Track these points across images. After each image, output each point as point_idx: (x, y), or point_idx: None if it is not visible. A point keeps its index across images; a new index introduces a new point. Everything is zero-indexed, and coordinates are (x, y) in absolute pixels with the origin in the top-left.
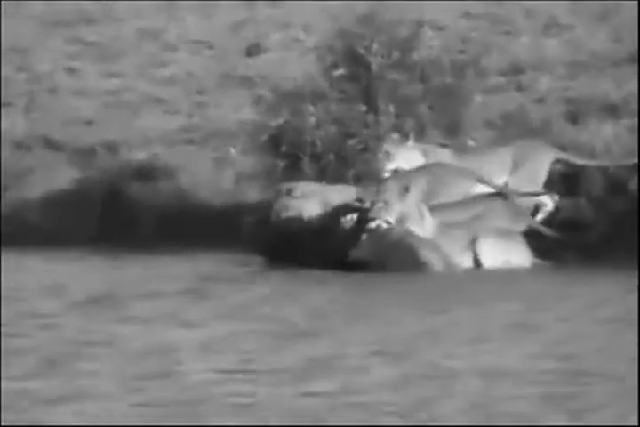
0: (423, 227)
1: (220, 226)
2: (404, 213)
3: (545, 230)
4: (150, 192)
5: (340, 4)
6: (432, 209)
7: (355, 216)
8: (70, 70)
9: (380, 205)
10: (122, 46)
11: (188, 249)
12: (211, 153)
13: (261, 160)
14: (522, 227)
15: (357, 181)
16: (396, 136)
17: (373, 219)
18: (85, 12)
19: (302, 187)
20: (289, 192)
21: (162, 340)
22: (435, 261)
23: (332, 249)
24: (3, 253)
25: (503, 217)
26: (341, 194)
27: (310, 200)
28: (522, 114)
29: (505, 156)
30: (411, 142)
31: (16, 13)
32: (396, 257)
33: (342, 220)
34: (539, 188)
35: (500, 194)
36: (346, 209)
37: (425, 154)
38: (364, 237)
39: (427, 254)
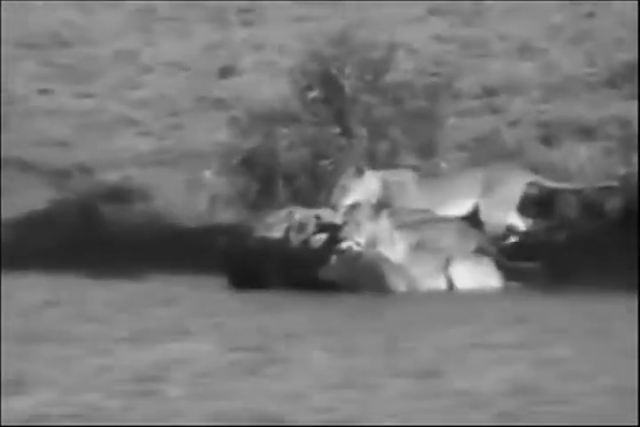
0: (394, 250)
1: (193, 248)
2: (376, 235)
3: (495, 255)
4: (124, 214)
5: (313, 25)
6: (400, 227)
7: (324, 235)
8: (44, 92)
9: (351, 225)
10: (96, 68)
11: (161, 271)
12: (184, 175)
13: (235, 182)
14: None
15: (330, 203)
16: (352, 169)
17: (344, 239)
18: (59, 34)
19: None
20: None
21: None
22: (401, 286)
23: (300, 268)
24: None
25: (468, 239)
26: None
27: None
28: (495, 137)
29: (474, 178)
30: (368, 173)
31: None
32: (364, 280)
33: (312, 239)
34: (512, 211)
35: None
36: (316, 228)
37: (383, 182)
38: (333, 257)
39: (394, 279)
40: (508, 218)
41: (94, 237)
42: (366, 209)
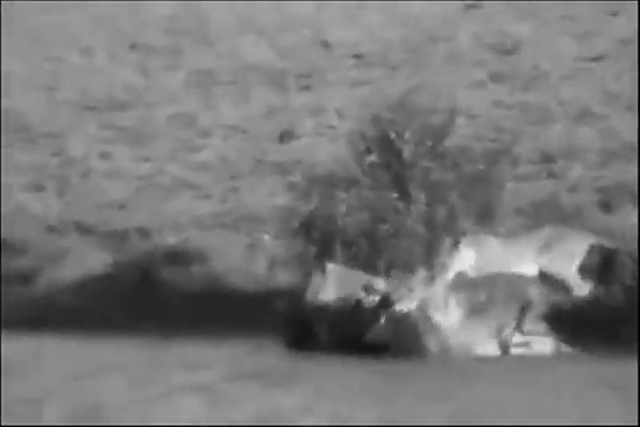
0: (447, 315)
1: (251, 311)
2: (427, 301)
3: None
4: (182, 276)
5: (373, 90)
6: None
7: (376, 298)
8: (103, 154)
9: (403, 290)
10: (154, 131)
11: (218, 334)
12: (243, 238)
13: (293, 245)
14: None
15: (388, 267)
16: (448, 243)
17: (394, 303)
18: (118, 97)
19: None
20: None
21: None
22: (451, 350)
23: (350, 330)
24: (35, 336)
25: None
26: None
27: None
28: (554, 202)
29: (537, 237)
30: (463, 249)
31: (50, 99)
32: (407, 344)
33: (364, 300)
34: (573, 269)
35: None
36: (368, 291)
37: (475, 246)
38: (382, 319)
39: (440, 343)
40: (571, 278)
41: (153, 298)
42: (420, 275)
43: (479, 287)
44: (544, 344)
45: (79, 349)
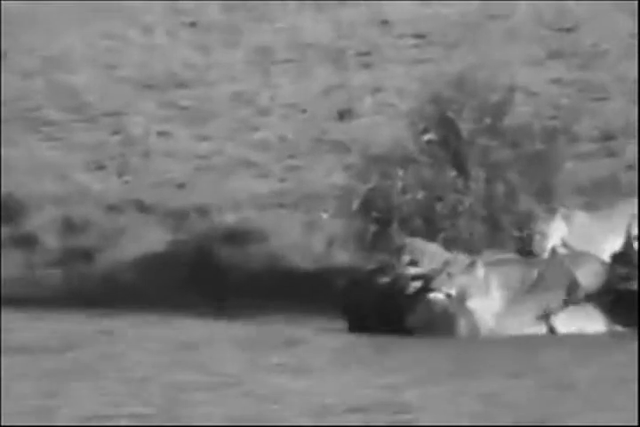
0: (489, 300)
1: (309, 289)
2: (467, 286)
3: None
4: (240, 255)
5: (432, 68)
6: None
7: (418, 284)
8: (163, 133)
9: (442, 276)
10: (214, 110)
11: (276, 312)
12: (302, 216)
13: (352, 224)
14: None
15: (447, 245)
16: (542, 213)
17: (435, 290)
18: (177, 75)
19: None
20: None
21: None
22: (462, 329)
23: (394, 314)
24: (95, 316)
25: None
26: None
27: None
28: (613, 180)
29: (625, 211)
30: (559, 218)
31: (109, 77)
32: (436, 326)
33: (407, 286)
34: None
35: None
36: (412, 276)
37: (566, 220)
38: (420, 305)
39: (460, 324)
40: None
41: (211, 278)
42: (460, 260)
43: (526, 268)
44: (596, 324)
45: (133, 327)
